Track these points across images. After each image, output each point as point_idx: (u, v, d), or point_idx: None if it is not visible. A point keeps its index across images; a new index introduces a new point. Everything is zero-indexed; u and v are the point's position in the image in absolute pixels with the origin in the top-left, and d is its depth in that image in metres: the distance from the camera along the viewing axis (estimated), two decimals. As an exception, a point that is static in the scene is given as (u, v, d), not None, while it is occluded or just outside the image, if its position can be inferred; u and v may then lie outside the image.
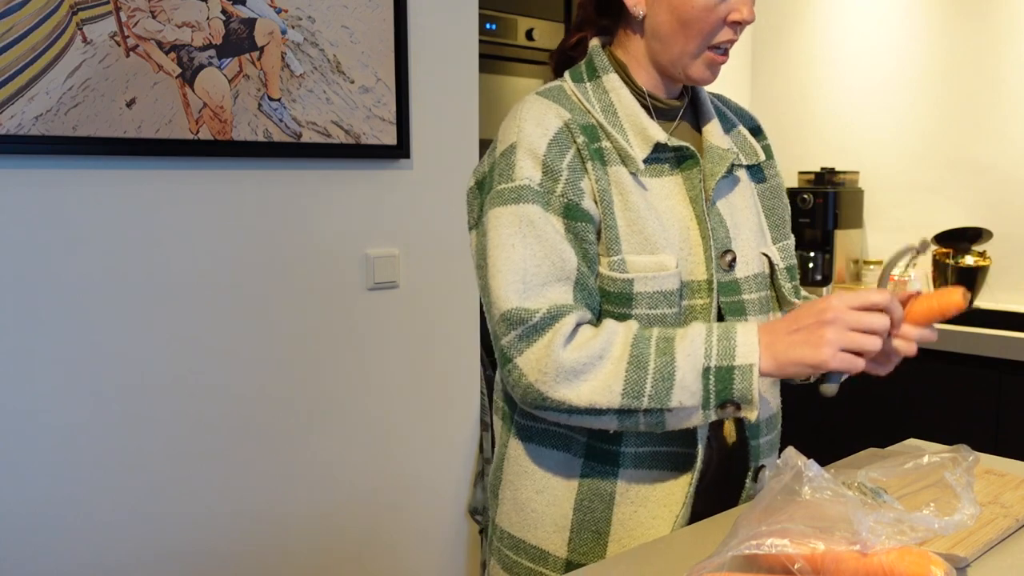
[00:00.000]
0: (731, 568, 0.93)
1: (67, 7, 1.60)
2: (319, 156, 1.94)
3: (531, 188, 1.04)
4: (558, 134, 1.07)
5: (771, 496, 0.97)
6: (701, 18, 1.08)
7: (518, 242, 1.02)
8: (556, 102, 1.11)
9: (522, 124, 1.08)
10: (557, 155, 1.06)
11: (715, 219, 1.14)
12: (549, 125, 1.08)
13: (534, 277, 1.01)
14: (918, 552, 0.91)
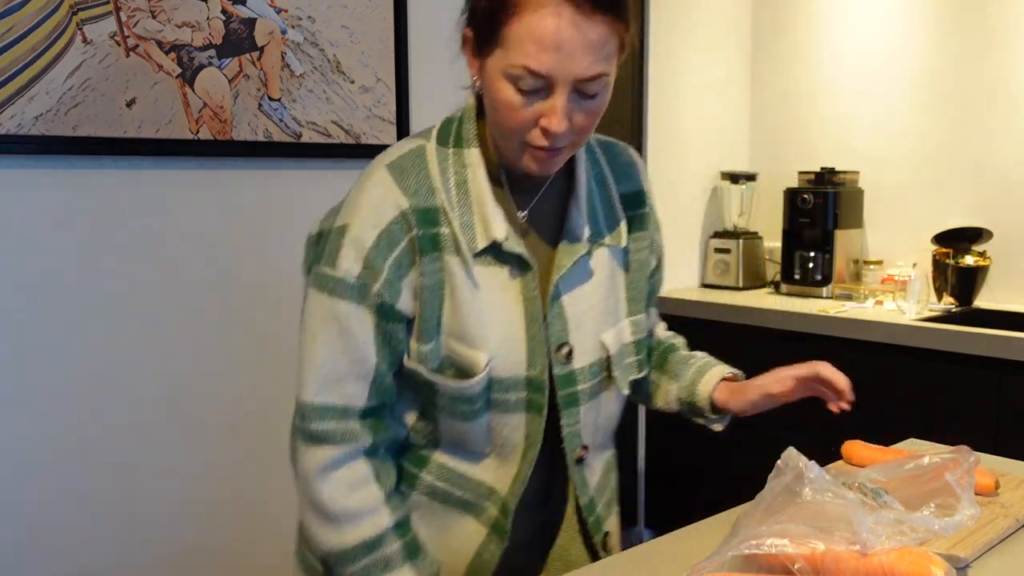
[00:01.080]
0: (731, 568, 0.93)
1: (67, 7, 1.60)
2: (319, 156, 1.94)
3: (347, 283, 1.02)
4: (390, 226, 1.03)
5: (771, 496, 0.97)
6: (508, 115, 1.01)
7: (322, 334, 1.03)
8: (402, 180, 1.05)
9: (360, 206, 1.04)
10: (383, 251, 1.02)
11: (555, 312, 1.10)
12: (383, 216, 1.03)
13: (331, 372, 1.03)
14: (918, 552, 0.91)
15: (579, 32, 0.94)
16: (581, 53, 0.96)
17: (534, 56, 0.95)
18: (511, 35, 0.97)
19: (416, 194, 1.04)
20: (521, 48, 0.96)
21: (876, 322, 2.52)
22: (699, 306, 2.99)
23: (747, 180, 3.27)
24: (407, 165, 1.06)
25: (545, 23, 0.94)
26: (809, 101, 3.28)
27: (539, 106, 0.99)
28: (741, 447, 2.92)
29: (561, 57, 0.95)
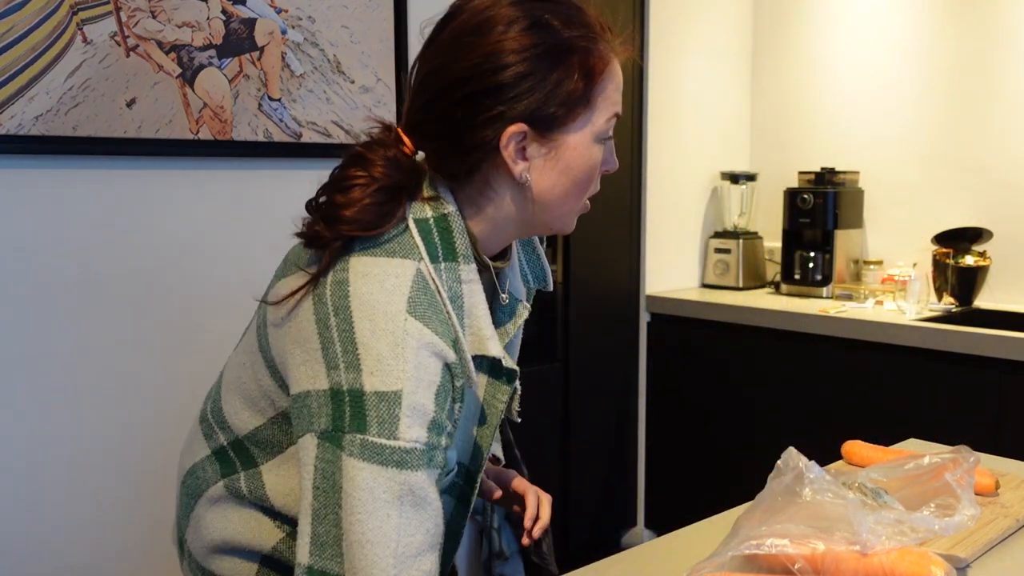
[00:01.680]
0: (731, 568, 0.93)
1: (67, 7, 1.60)
2: (319, 156, 1.94)
3: (417, 451, 0.91)
4: (443, 383, 0.94)
5: (772, 497, 0.97)
6: (591, 176, 1.03)
7: (394, 512, 0.90)
8: (433, 325, 0.93)
9: (407, 368, 0.90)
10: (442, 406, 0.94)
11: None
12: (434, 372, 0.93)
13: (407, 548, 0.91)
14: (918, 552, 0.91)
15: None
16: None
17: (616, 100, 1.02)
18: (600, 92, 1.01)
19: (445, 336, 0.94)
20: (609, 99, 1.01)
21: (876, 322, 2.52)
22: (699, 306, 2.99)
23: (747, 180, 3.27)
24: (425, 305, 0.94)
25: (619, 71, 1.04)
26: (809, 101, 3.28)
27: (606, 154, 1.05)
28: (741, 447, 2.92)
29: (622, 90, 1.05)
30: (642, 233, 3.12)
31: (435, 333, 0.93)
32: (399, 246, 0.96)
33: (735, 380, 2.91)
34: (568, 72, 0.98)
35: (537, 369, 2.86)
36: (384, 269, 0.94)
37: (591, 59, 0.99)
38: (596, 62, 1.00)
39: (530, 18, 0.98)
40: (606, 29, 1.04)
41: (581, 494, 3.03)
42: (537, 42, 0.97)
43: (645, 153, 3.09)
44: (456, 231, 0.99)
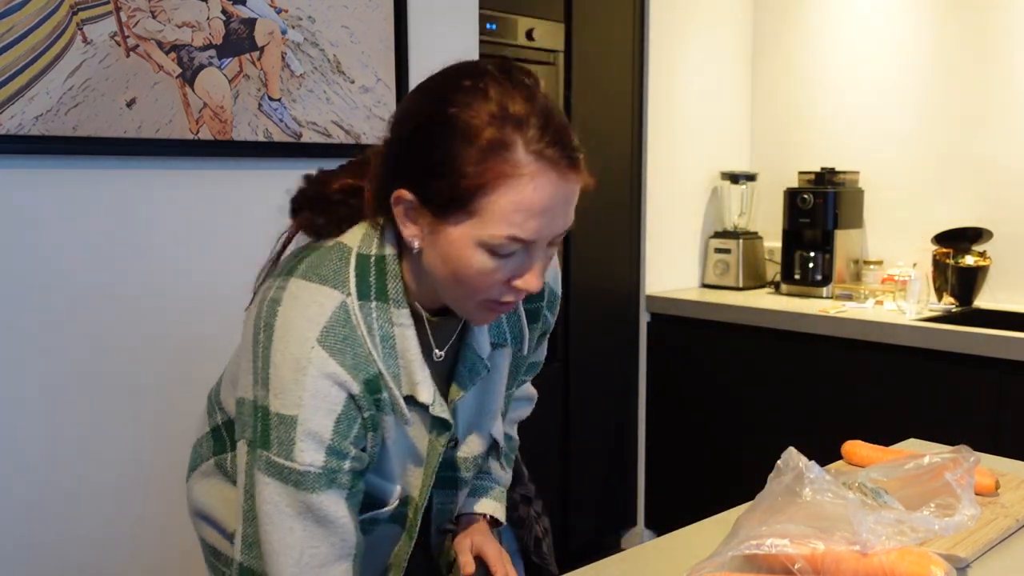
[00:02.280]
0: (731, 568, 0.93)
1: (67, 7, 1.60)
2: (319, 156, 1.94)
3: (312, 474, 0.94)
4: (346, 412, 0.96)
5: (771, 496, 0.97)
6: (476, 279, 0.94)
7: (298, 525, 0.95)
8: (341, 358, 0.95)
9: (303, 393, 0.93)
10: (343, 433, 0.96)
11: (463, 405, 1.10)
12: (334, 402, 0.95)
13: (311, 559, 0.96)
14: (918, 552, 0.91)
15: (561, 193, 0.91)
16: (563, 212, 0.92)
17: (520, 225, 0.89)
18: (490, 206, 0.89)
19: (357, 370, 0.96)
20: (505, 219, 0.89)
21: (876, 322, 2.52)
22: (699, 306, 2.99)
23: (747, 180, 3.27)
24: (338, 337, 0.96)
25: (530, 194, 0.88)
26: (809, 101, 3.28)
27: (512, 267, 0.94)
28: (741, 447, 2.92)
29: (546, 221, 0.91)
30: (642, 233, 3.12)
31: (341, 365, 0.95)
32: (335, 276, 0.98)
33: (735, 380, 2.91)
34: (449, 166, 0.89)
35: (537, 369, 2.86)
36: (312, 296, 0.97)
37: (483, 166, 0.88)
38: (488, 172, 0.88)
39: (440, 94, 0.92)
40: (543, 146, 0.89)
41: (581, 494, 3.03)
42: (432, 118, 0.91)
43: (645, 153, 3.09)
44: (390, 274, 0.99)
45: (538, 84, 0.93)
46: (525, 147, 0.88)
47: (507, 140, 0.88)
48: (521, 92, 0.90)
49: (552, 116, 0.91)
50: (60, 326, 1.67)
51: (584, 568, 1.07)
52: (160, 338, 1.80)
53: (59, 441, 1.69)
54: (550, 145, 0.89)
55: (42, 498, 1.68)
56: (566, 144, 0.90)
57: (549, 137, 0.89)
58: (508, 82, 0.91)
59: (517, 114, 0.89)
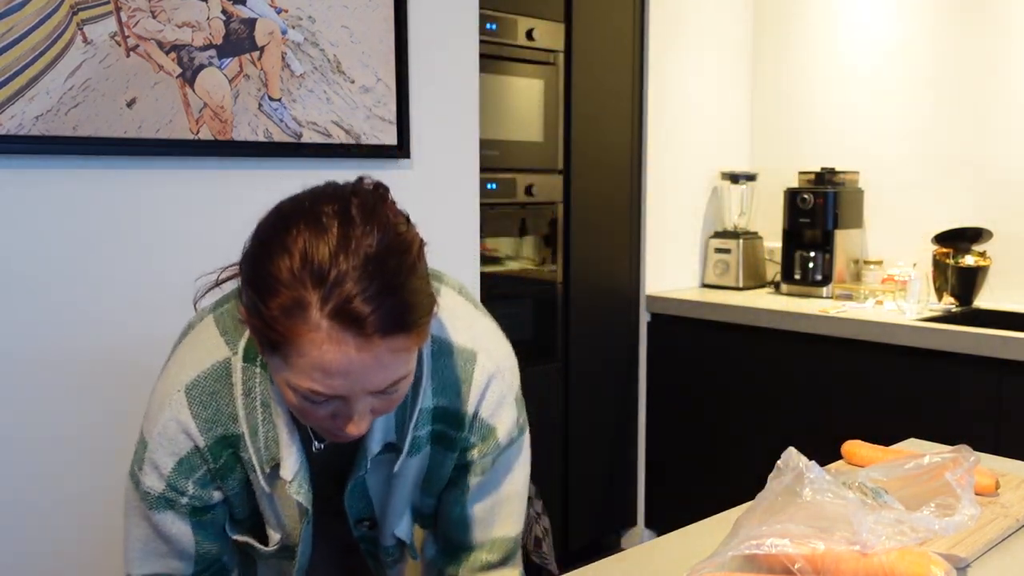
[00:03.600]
0: (731, 568, 0.93)
1: (67, 7, 1.60)
2: (319, 156, 1.94)
3: (152, 496, 1.01)
4: (189, 456, 1.00)
5: (772, 496, 0.97)
6: (300, 413, 0.92)
7: (141, 527, 1.05)
8: (200, 410, 0.98)
9: (155, 426, 1.00)
10: (184, 474, 1.01)
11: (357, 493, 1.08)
12: (179, 446, 1.00)
13: (154, 550, 1.06)
14: (918, 552, 0.91)
15: (367, 356, 0.84)
16: (373, 372, 0.86)
17: (321, 382, 0.86)
18: (293, 359, 0.85)
19: (213, 427, 0.99)
20: (306, 374, 0.86)
21: (876, 322, 2.52)
22: (699, 306, 2.99)
23: (747, 180, 3.27)
24: (206, 391, 0.99)
25: (327, 357, 0.83)
26: (809, 101, 3.28)
27: (333, 410, 0.90)
28: (741, 447, 2.92)
29: (351, 381, 0.86)
30: (642, 233, 3.12)
31: (195, 417, 0.99)
32: (233, 331, 1.02)
33: (735, 380, 2.91)
34: (260, 313, 0.86)
35: (537, 369, 2.86)
36: (205, 343, 1.02)
37: (283, 323, 0.84)
38: (288, 330, 0.84)
39: (262, 235, 0.89)
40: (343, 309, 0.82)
41: (581, 494, 3.03)
42: (252, 261, 0.89)
43: (645, 153, 3.09)
44: None
45: (372, 232, 0.85)
46: (321, 309, 0.82)
47: (304, 300, 0.82)
48: (335, 247, 0.83)
49: (366, 277, 0.83)
50: (60, 326, 1.67)
51: (584, 568, 1.07)
52: (160, 337, 1.80)
53: (58, 444, 1.69)
54: (352, 310, 0.82)
55: (40, 498, 1.68)
56: (375, 309, 0.83)
57: (354, 300, 0.82)
58: (324, 234, 0.84)
59: (319, 273, 0.82)
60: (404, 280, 0.86)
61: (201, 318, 1.06)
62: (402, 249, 0.88)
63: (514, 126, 2.73)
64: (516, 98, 2.72)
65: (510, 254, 2.83)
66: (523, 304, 2.83)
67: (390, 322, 0.84)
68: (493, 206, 2.69)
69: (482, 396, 1.06)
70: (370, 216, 0.87)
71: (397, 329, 0.85)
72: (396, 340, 0.86)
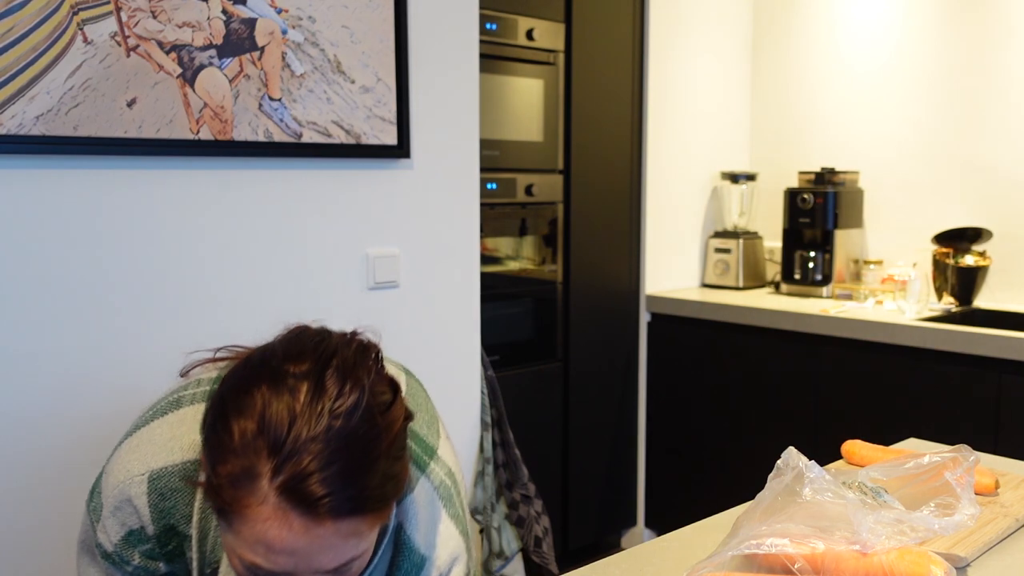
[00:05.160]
0: (731, 568, 0.93)
1: (68, 7, 1.61)
2: (319, 156, 1.94)
3: (104, 551, 1.01)
4: (136, 532, 0.99)
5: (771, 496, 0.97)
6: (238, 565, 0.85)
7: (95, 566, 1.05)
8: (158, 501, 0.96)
9: (110, 498, 0.98)
10: (130, 546, 0.99)
11: None
12: (128, 522, 0.98)
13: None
14: (918, 552, 0.91)
15: (315, 538, 0.78)
16: (321, 554, 0.79)
17: (264, 556, 0.79)
18: (239, 529, 0.79)
19: (164, 516, 0.97)
20: (248, 547, 0.80)
21: (876, 322, 2.52)
22: (699, 306, 2.99)
23: (747, 180, 3.27)
24: (169, 487, 0.96)
25: (271, 533, 0.77)
26: (809, 101, 3.28)
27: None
28: (741, 447, 2.92)
29: (296, 559, 0.79)
30: (642, 233, 3.12)
31: (149, 505, 0.97)
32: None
33: (735, 380, 2.91)
34: (210, 475, 0.81)
35: (537, 369, 2.86)
36: (187, 434, 0.99)
37: (230, 491, 0.78)
38: (234, 501, 0.78)
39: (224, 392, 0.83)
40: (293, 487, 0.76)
41: (581, 494, 3.03)
42: (211, 416, 0.83)
43: (645, 153, 3.09)
44: None
45: (345, 404, 0.78)
46: (271, 481, 0.76)
47: (255, 470, 0.77)
48: (298, 415, 0.77)
49: (327, 455, 0.76)
50: (60, 326, 1.68)
51: (584, 568, 1.07)
52: (160, 337, 1.80)
53: (60, 444, 1.69)
54: (304, 489, 0.76)
55: (44, 503, 1.68)
56: (331, 493, 0.76)
57: (308, 479, 0.76)
58: (289, 399, 0.78)
59: (275, 442, 0.77)
60: (372, 464, 0.79)
61: (192, 402, 1.01)
62: (377, 428, 0.80)
63: (514, 126, 2.73)
64: (516, 98, 2.72)
65: (510, 254, 2.83)
66: (523, 304, 2.84)
67: (346, 508, 0.77)
68: (493, 206, 2.69)
69: None
70: (346, 385, 0.80)
71: (352, 514, 0.79)
72: (351, 524, 0.79)
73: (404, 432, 0.86)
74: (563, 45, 2.82)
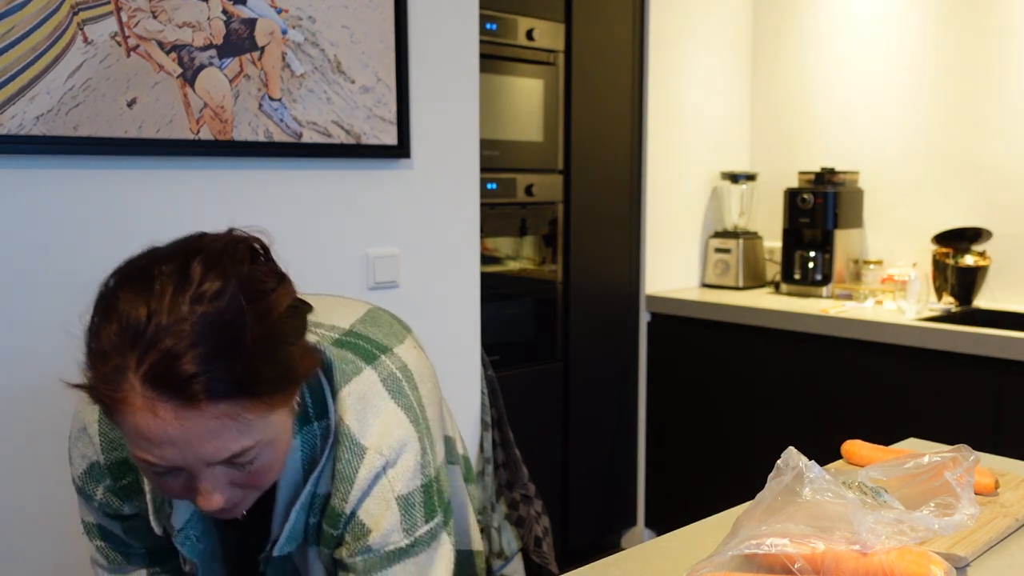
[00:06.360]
0: (731, 568, 0.93)
1: (68, 7, 1.61)
2: (319, 156, 1.94)
3: (76, 485, 1.07)
4: (94, 466, 1.04)
5: (771, 496, 0.97)
6: (152, 482, 0.88)
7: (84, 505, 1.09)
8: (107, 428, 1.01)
9: (73, 424, 1.06)
10: (88, 482, 1.05)
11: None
12: (87, 452, 1.04)
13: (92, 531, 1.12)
14: (918, 552, 0.91)
15: (189, 426, 0.78)
16: (202, 441, 0.79)
17: (148, 451, 0.80)
18: (122, 425, 0.81)
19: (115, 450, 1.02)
20: (134, 442, 0.81)
21: (876, 322, 2.52)
22: (699, 306, 2.99)
23: (747, 180, 3.27)
24: None
25: (145, 423, 0.78)
26: (809, 101, 3.28)
27: (183, 480, 0.84)
28: (741, 447, 2.92)
29: (179, 450, 0.80)
30: (642, 233, 3.12)
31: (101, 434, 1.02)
32: None
33: (735, 380, 2.91)
34: (91, 376, 0.83)
35: (537, 369, 2.86)
36: None
37: (105, 386, 0.80)
38: (110, 393, 0.80)
39: (100, 294, 0.86)
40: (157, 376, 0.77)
41: (581, 494, 3.03)
42: (91, 318, 0.85)
43: (645, 153, 3.09)
44: None
45: (211, 290, 0.79)
46: (136, 372, 0.77)
47: (122, 365, 0.78)
48: (160, 307, 0.78)
49: (193, 336, 0.76)
50: (60, 326, 1.67)
51: (584, 568, 1.07)
52: (160, 338, 1.80)
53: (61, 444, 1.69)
54: (170, 372, 0.76)
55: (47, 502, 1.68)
56: (203, 372, 0.76)
57: (174, 362, 0.76)
58: (151, 295, 0.79)
59: (135, 334, 0.77)
60: (242, 345, 0.78)
61: None
62: (246, 312, 0.79)
63: (514, 126, 2.73)
64: (516, 98, 2.72)
65: (510, 254, 2.83)
66: (523, 304, 2.84)
67: (219, 389, 0.77)
68: (493, 206, 2.69)
69: (363, 495, 0.96)
70: (211, 273, 0.80)
71: (226, 397, 0.78)
72: (226, 407, 0.78)
73: (291, 320, 0.85)
74: (563, 45, 2.82)
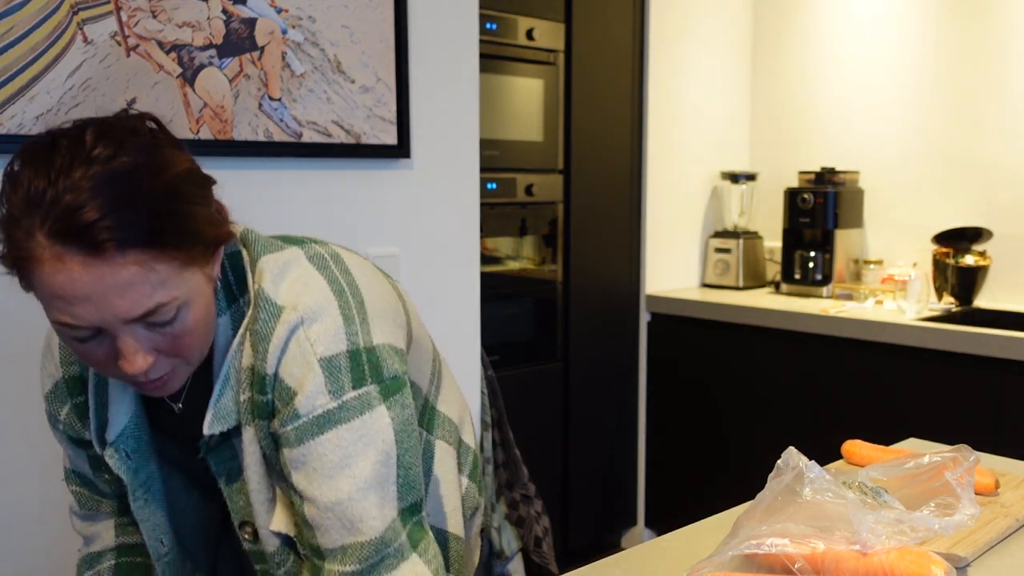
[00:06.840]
0: (731, 568, 0.93)
1: (68, 7, 1.61)
2: (319, 156, 1.94)
3: (46, 409, 1.11)
4: (55, 389, 1.08)
5: (771, 496, 0.97)
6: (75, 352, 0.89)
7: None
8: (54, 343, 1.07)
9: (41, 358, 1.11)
10: (58, 400, 1.07)
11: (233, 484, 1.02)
12: (50, 369, 1.08)
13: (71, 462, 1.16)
14: (918, 552, 0.91)
15: (99, 277, 0.80)
16: (115, 296, 0.81)
17: (64, 311, 0.82)
18: (36, 290, 0.83)
19: (71, 365, 1.06)
20: (49, 303, 0.83)
21: (876, 322, 2.52)
22: (699, 306, 2.99)
23: (747, 180, 3.27)
24: None
25: (56, 279, 0.80)
26: (809, 101, 3.28)
27: (105, 347, 0.86)
28: (741, 447, 2.92)
29: (94, 306, 0.81)
30: (642, 233, 3.12)
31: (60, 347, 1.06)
32: None
33: (735, 380, 2.91)
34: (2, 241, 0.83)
35: (537, 369, 2.86)
36: None
37: (14, 248, 0.82)
38: (19, 255, 0.82)
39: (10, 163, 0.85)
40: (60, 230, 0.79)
41: (581, 494, 3.03)
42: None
43: (645, 153, 3.09)
44: None
45: (104, 152, 0.82)
46: (41, 229, 0.79)
47: (27, 228, 0.80)
48: (58, 170, 0.80)
49: (92, 190, 0.79)
50: (60, 326, 1.68)
51: (584, 568, 1.07)
52: (160, 338, 1.80)
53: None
54: (72, 223, 0.78)
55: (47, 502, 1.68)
56: (104, 217, 0.79)
57: (75, 213, 0.78)
58: (50, 163, 0.81)
59: (37, 197, 0.79)
60: (142, 195, 0.81)
61: None
62: (149, 168, 0.83)
63: (514, 126, 2.73)
64: (516, 98, 2.72)
65: (510, 254, 2.83)
66: (523, 304, 2.84)
67: (125, 234, 0.79)
68: (493, 206, 2.69)
69: (282, 352, 0.94)
70: (105, 139, 0.83)
71: (135, 243, 0.80)
72: (135, 257, 0.81)
73: (189, 185, 0.91)
74: (563, 45, 2.82)
